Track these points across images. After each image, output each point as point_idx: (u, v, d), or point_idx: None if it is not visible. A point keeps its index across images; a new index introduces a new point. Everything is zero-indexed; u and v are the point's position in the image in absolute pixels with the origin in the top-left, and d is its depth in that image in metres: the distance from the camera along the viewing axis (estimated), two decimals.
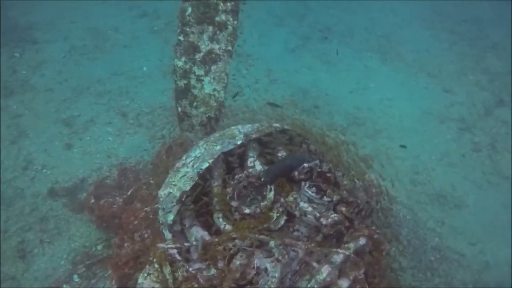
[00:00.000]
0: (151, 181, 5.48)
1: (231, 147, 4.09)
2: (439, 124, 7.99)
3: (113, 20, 9.88)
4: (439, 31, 10.60)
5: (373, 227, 4.19)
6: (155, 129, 7.37)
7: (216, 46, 4.59)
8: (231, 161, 4.27)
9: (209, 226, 3.93)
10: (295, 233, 3.95)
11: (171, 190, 3.94)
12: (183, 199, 3.85)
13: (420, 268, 5.77)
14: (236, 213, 3.85)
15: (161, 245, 3.81)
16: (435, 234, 6.23)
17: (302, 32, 10.24)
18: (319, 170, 4.05)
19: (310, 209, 3.80)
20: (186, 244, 3.79)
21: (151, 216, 4.87)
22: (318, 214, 3.77)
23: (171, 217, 3.81)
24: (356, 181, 4.06)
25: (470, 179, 7.08)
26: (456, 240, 6.20)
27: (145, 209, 5.00)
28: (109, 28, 9.63)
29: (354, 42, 10.00)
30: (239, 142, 4.15)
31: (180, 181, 3.95)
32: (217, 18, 4.49)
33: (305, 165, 4.12)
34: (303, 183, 3.91)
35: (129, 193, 5.64)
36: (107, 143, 7.04)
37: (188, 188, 3.84)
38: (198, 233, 3.86)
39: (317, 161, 4.21)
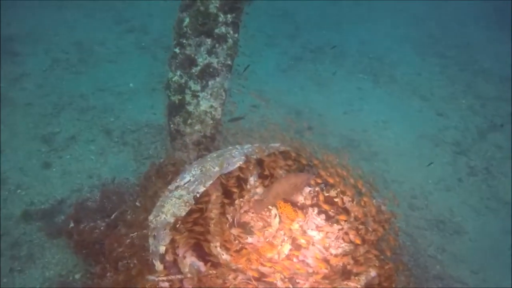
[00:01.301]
0: (137, 204, 5.06)
1: (230, 168, 3.74)
2: (434, 147, 7.85)
3: (99, 35, 9.54)
4: (430, 55, 10.63)
5: (382, 257, 3.89)
6: (141, 148, 6.96)
7: (215, 60, 4.29)
8: (229, 184, 3.91)
9: (205, 256, 3.53)
10: (300, 264, 3.59)
11: (164, 215, 3.55)
12: (177, 225, 3.46)
13: None
14: (236, 241, 3.48)
15: (151, 277, 3.42)
16: (436, 262, 5.96)
17: (293, 53, 10.11)
18: (326, 194, 3.74)
19: (318, 237, 3.46)
20: (179, 276, 3.40)
21: (137, 243, 4.43)
22: (327, 244, 3.44)
23: (163, 246, 3.41)
24: (365, 206, 3.75)
25: (468, 204, 6.89)
26: (458, 268, 5.93)
27: (131, 235, 4.56)
28: (95, 43, 9.27)
29: (347, 64, 9.90)
30: (239, 163, 3.81)
31: (173, 205, 3.56)
32: (216, 30, 4.20)
33: (311, 188, 3.82)
34: (310, 209, 3.58)
35: (112, 216, 5.18)
36: (89, 162, 6.59)
37: (183, 213, 3.46)
38: (193, 264, 3.46)
39: (323, 185, 3.92)
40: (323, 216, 3.51)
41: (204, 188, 3.56)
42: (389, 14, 12.35)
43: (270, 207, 3.57)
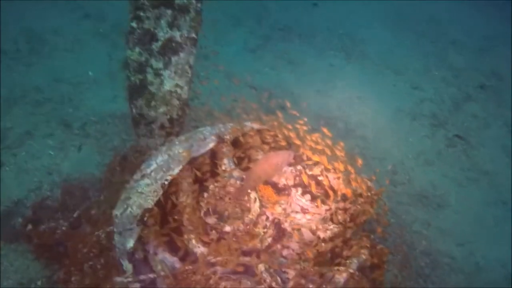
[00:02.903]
0: (102, 199, 4.61)
1: (202, 151, 3.37)
2: (412, 121, 7.67)
3: (52, 22, 8.80)
4: (400, 30, 10.42)
5: (372, 236, 3.62)
6: (105, 139, 6.44)
7: (177, 34, 3.85)
8: (202, 169, 3.52)
9: (179, 251, 3.14)
10: (285, 251, 3.26)
11: (129, 208, 3.13)
12: (145, 218, 3.06)
13: (411, 276, 5.28)
14: (213, 232, 3.11)
15: (119, 278, 3.03)
16: (422, 237, 5.79)
17: (262, 32, 9.68)
18: (310, 173, 3.41)
19: (304, 220, 3.13)
20: (151, 275, 3.01)
21: (104, 242, 4.01)
22: (314, 227, 3.11)
23: (130, 242, 3.00)
24: (353, 184, 3.45)
25: (449, 176, 6.76)
26: (445, 242, 5.79)
27: (96, 233, 4.13)
28: (47, 31, 8.54)
29: (317, 42, 9.56)
30: (211, 145, 3.43)
31: (140, 196, 3.16)
32: (177, 1, 3.76)
33: (292, 167, 3.48)
34: (293, 190, 3.24)
35: (75, 214, 4.70)
36: (47, 158, 6.03)
37: (151, 204, 3.06)
38: (166, 261, 3.07)
39: (304, 163, 3.59)
40: (308, 196, 3.17)
41: (173, 175, 3.17)
42: None
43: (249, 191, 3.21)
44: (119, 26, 9.08)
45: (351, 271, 3.05)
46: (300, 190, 3.21)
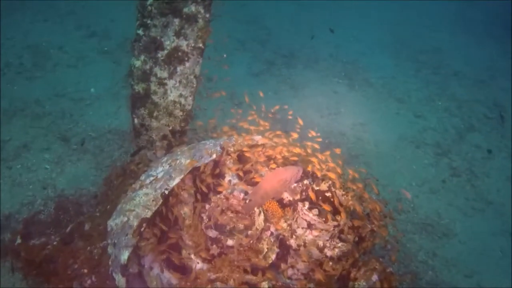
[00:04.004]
0: (97, 214, 4.41)
1: (204, 161, 3.22)
2: (415, 149, 7.57)
3: (57, 39, 8.84)
4: (402, 59, 10.54)
5: (380, 259, 3.43)
6: (103, 155, 6.29)
7: (184, 43, 3.78)
8: (204, 180, 3.36)
9: (176, 265, 2.95)
10: (290, 270, 3.06)
11: (126, 218, 2.96)
12: (142, 229, 2.88)
13: None
14: (214, 246, 2.93)
15: None
16: (428, 267, 5.56)
17: (265, 57, 9.74)
18: (317, 188, 3.26)
19: (310, 237, 2.95)
20: None
21: (96, 257, 3.79)
22: (321, 244, 2.93)
23: (125, 254, 2.81)
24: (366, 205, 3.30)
25: (454, 205, 6.59)
26: (451, 272, 5.56)
27: (88, 248, 3.91)
28: (52, 47, 8.57)
29: (320, 68, 9.61)
30: (214, 156, 3.29)
31: (137, 206, 2.98)
32: (185, 9, 3.71)
33: (298, 183, 3.33)
34: (300, 204, 3.07)
35: (68, 229, 4.48)
36: (43, 172, 5.87)
37: (149, 214, 2.88)
38: (162, 276, 2.87)
39: (310, 179, 3.45)
40: (315, 211, 3.01)
41: (174, 184, 3.01)
42: (360, 20, 12.31)
43: None
44: (123, 45, 9.14)
45: None
46: (307, 204, 3.05)
